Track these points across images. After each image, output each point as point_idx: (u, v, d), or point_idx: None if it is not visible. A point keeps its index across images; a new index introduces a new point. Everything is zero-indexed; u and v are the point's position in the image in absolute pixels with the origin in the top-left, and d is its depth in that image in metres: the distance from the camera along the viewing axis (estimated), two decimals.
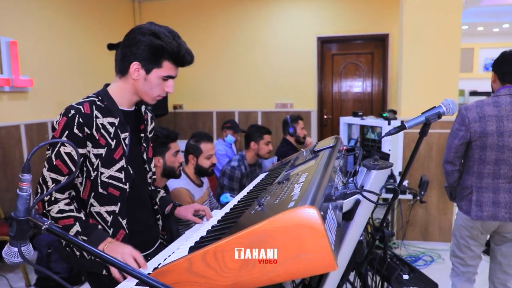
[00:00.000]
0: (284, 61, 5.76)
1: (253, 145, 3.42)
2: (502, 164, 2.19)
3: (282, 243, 0.82)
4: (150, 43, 1.39)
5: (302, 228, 0.80)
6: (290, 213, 0.81)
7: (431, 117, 1.46)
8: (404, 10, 3.88)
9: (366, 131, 4.04)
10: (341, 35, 5.58)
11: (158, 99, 1.52)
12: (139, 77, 1.44)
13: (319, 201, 0.88)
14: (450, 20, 3.80)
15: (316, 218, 0.79)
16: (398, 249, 3.94)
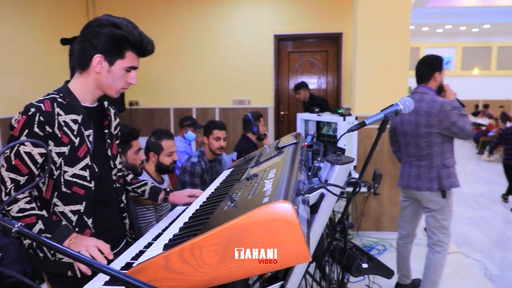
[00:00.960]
0: (242, 58, 5.79)
1: (205, 140, 3.42)
2: (409, 146, 2.80)
3: (258, 237, 0.85)
4: (111, 34, 1.36)
5: (278, 222, 0.84)
6: (266, 208, 0.85)
7: (389, 114, 1.56)
8: (358, 10, 4.03)
9: (322, 126, 4.15)
10: (297, 33, 5.69)
11: (122, 91, 1.50)
12: (102, 70, 1.41)
13: (291, 195, 0.92)
14: (400, 21, 4.01)
15: (291, 212, 0.84)
16: (353, 239, 4.11)
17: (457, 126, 2.56)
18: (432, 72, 2.73)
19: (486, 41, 18.78)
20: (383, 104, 2.19)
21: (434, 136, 2.67)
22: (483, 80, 18.96)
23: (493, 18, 15.22)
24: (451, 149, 2.72)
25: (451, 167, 2.72)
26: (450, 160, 2.71)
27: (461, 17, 15.06)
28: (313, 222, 1.32)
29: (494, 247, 4.52)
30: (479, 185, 7.36)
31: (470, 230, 5.05)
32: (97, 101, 1.54)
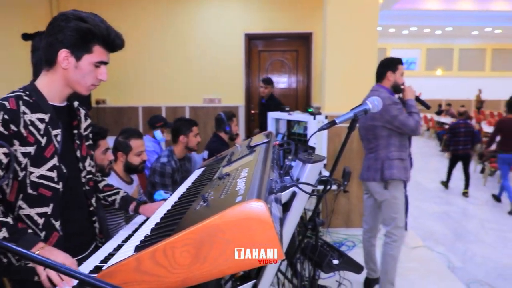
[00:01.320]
0: (212, 57, 5.76)
1: (182, 139, 3.37)
2: (363, 140, 3.03)
3: (232, 236, 0.85)
4: (77, 27, 1.31)
5: (251, 221, 0.84)
6: (239, 207, 0.85)
7: (359, 113, 1.59)
8: (327, 11, 4.09)
9: (293, 125, 4.19)
10: (267, 32, 5.72)
11: (92, 88, 1.44)
12: (69, 65, 1.35)
13: (264, 194, 0.92)
14: (368, 22, 4.11)
15: (264, 211, 0.84)
16: (323, 237, 4.18)
17: (398, 121, 2.71)
18: (384, 71, 2.91)
19: (449, 43, 19.53)
20: (352, 103, 2.26)
21: (378, 129, 2.84)
22: (445, 80, 19.73)
23: (454, 21, 15.84)
24: (398, 144, 2.84)
25: (395, 160, 2.84)
26: (395, 153, 2.84)
27: (425, 20, 15.59)
28: (285, 220, 1.33)
29: (456, 241, 4.70)
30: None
31: (434, 224, 5.23)
32: (66, 100, 1.49)
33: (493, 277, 3.77)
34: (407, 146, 2.91)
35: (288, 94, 6.06)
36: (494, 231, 5.03)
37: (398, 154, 2.84)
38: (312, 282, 1.99)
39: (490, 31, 17.66)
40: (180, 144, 3.39)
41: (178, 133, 3.39)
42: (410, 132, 2.74)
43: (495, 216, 5.61)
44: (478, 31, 17.87)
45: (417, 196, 6.60)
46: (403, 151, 2.86)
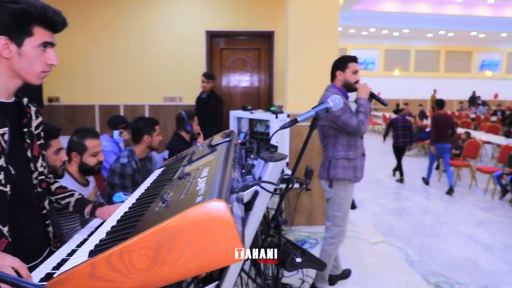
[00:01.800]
0: (173, 54, 5.66)
1: (146, 138, 3.27)
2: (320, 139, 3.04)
3: (192, 237, 0.83)
4: (10, 10, 1.22)
5: (212, 222, 0.82)
6: (199, 208, 0.83)
7: (320, 111, 1.61)
8: (289, 10, 4.12)
9: (255, 124, 4.19)
10: (229, 30, 5.69)
11: (43, 75, 1.34)
12: (11, 54, 1.25)
13: (225, 194, 0.90)
14: (328, 22, 4.18)
15: (225, 211, 0.82)
16: (286, 235, 4.21)
17: (341, 120, 2.73)
18: (334, 71, 2.94)
19: (405, 45, 20.30)
20: (314, 102, 2.29)
21: (325, 128, 2.88)
22: (402, 80, 20.50)
23: (411, 24, 16.51)
24: (345, 143, 2.85)
25: (340, 159, 2.85)
26: (341, 152, 2.84)
27: (383, 22, 16.15)
28: (247, 219, 1.32)
29: (414, 235, 4.89)
30: None
31: (393, 220, 5.41)
32: (15, 96, 1.39)
33: (447, 268, 3.95)
34: (357, 146, 2.88)
35: (250, 93, 6.06)
36: (448, 224, 5.28)
37: (345, 154, 2.84)
38: (275, 281, 1.99)
39: (444, 34, 18.55)
40: (143, 144, 3.28)
41: (141, 132, 3.28)
42: (353, 131, 2.74)
43: (449, 210, 5.89)
44: (433, 33, 18.73)
45: (377, 192, 6.81)
46: (352, 151, 2.85)
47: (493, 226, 5.26)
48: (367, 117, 2.75)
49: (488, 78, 21.28)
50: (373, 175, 8.17)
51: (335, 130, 2.82)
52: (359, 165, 2.89)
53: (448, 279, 3.70)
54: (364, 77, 20.02)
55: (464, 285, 3.61)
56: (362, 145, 2.94)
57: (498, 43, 20.84)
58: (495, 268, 4.02)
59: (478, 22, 16.08)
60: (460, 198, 6.53)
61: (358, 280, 3.49)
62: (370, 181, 7.70)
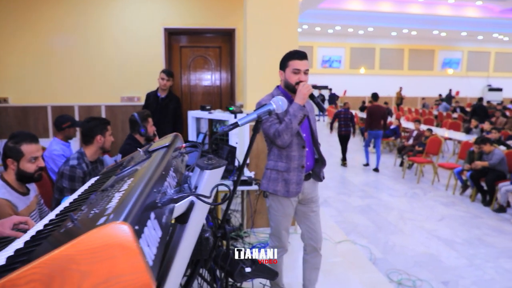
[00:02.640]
0: (130, 52, 5.45)
1: (99, 139, 3.09)
2: None
3: (89, 268, 0.70)
4: None
5: (112, 248, 0.70)
6: (97, 232, 0.71)
7: (263, 114, 1.51)
8: (248, 7, 4.01)
9: (215, 124, 4.08)
10: (189, 27, 5.52)
11: None
12: None
13: (135, 213, 0.79)
14: (288, 19, 4.09)
15: (128, 235, 0.71)
16: (248, 237, 4.13)
17: (262, 128, 2.48)
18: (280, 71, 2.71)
19: (370, 43, 20.68)
20: None
21: (262, 136, 2.66)
22: (368, 78, 20.87)
23: (375, 22, 16.81)
24: (277, 153, 2.55)
25: (268, 170, 2.59)
26: (271, 162, 2.59)
27: (348, 20, 16.34)
28: (183, 232, 1.21)
29: (378, 232, 4.92)
30: (366, 175, 8.02)
31: (358, 217, 5.44)
32: None
33: (410, 265, 3.98)
34: (292, 157, 2.51)
35: (212, 92, 5.92)
36: (412, 221, 5.35)
37: (273, 164, 2.55)
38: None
39: (407, 32, 19.00)
40: (95, 145, 3.10)
41: (93, 133, 3.09)
42: (275, 141, 2.41)
43: (412, 206, 5.98)
44: (397, 32, 19.15)
45: (342, 190, 6.85)
46: (282, 162, 2.52)
47: (454, 221, 5.38)
48: (289, 127, 2.33)
49: (450, 76, 22.02)
50: (338, 173, 8.23)
51: (268, 139, 2.57)
52: (294, 179, 2.50)
53: (411, 276, 3.73)
54: (331, 75, 20.29)
55: (426, 282, 3.64)
56: (301, 156, 2.52)
57: (459, 42, 21.61)
58: (455, 263, 4.09)
59: (439, 21, 16.59)
60: (423, 195, 6.65)
61: (320, 280, 3.44)
62: (335, 178, 7.75)
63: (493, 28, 17.71)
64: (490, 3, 15.25)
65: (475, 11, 15.83)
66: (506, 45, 21.89)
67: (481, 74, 22.41)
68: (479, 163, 6.12)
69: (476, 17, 16.04)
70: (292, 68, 2.43)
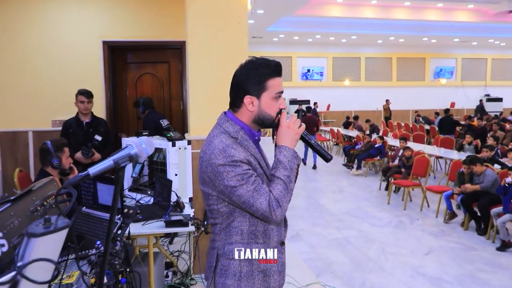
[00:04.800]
0: (64, 69, 5.29)
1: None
2: None
3: None
4: None
5: None
6: None
7: (122, 160, 1.32)
8: (189, 19, 3.92)
9: (154, 153, 3.90)
10: (131, 40, 5.39)
11: None
12: None
13: None
14: (236, 30, 4.00)
15: None
16: (196, 285, 3.91)
17: (237, 196, 1.72)
18: (240, 94, 2.22)
19: (355, 52, 20.95)
20: None
21: (211, 198, 1.68)
22: (354, 91, 21.04)
23: (359, 29, 17.05)
24: (246, 230, 1.79)
25: (235, 261, 1.74)
26: (236, 246, 1.78)
27: (329, 27, 16.53)
28: None
29: (355, 271, 4.76)
30: (346, 202, 7.89)
31: (333, 254, 5.27)
32: None
33: None
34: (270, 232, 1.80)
35: (161, 112, 5.75)
36: (394, 255, 5.21)
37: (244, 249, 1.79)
38: None
39: (394, 39, 19.33)
40: None
41: None
42: (261, 217, 1.70)
43: (396, 238, 5.85)
44: (383, 39, 19.47)
45: (318, 221, 6.68)
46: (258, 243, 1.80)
47: (443, 254, 5.25)
48: (290, 188, 1.70)
49: (443, 86, 22.38)
50: (315, 200, 8.08)
51: (229, 205, 1.73)
52: (275, 267, 1.81)
53: None
54: (312, 88, 20.53)
55: None
56: (280, 226, 1.83)
57: (451, 49, 22.08)
58: None
59: (429, 27, 16.90)
60: (410, 223, 6.54)
61: None
62: (310, 206, 7.60)
63: (488, 33, 18.11)
64: (482, 6, 15.61)
65: (467, 15, 16.16)
66: (503, 51, 22.41)
67: (478, 83, 22.83)
68: (469, 187, 6.04)
69: (469, 22, 16.33)
70: (274, 91, 1.76)
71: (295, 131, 1.76)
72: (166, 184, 3.30)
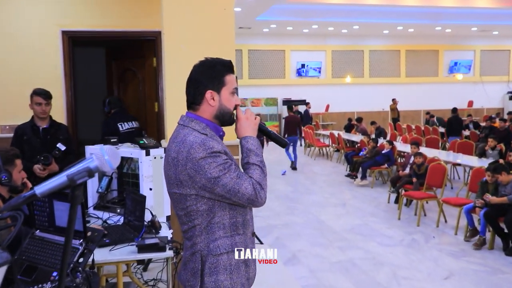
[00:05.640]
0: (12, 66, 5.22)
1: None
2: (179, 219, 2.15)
3: None
4: None
5: None
6: None
7: (78, 175, 1.21)
8: (164, 5, 3.93)
9: (124, 163, 3.89)
10: (96, 29, 5.33)
11: None
12: None
13: None
14: (221, 18, 3.98)
15: None
16: None
17: (222, 186, 2.06)
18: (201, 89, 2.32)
19: (357, 44, 21.02)
20: None
21: (188, 199, 2.16)
22: (356, 89, 21.08)
23: (362, 18, 17.07)
24: (227, 222, 2.15)
25: (223, 255, 2.11)
26: (222, 241, 2.13)
27: (328, 16, 16.53)
28: None
29: None
30: (350, 217, 7.86)
31: (336, 279, 5.23)
32: None
33: None
34: (247, 221, 2.19)
35: (137, 115, 5.67)
36: (408, 281, 5.19)
37: (229, 243, 2.15)
38: None
39: (403, 29, 19.44)
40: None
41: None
42: (246, 203, 2.00)
43: (409, 259, 5.81)
44: (389, 29, 19.56)
45: (318, 240, 6.63)
46: (240, 234, 2.17)
47: (465, 279, 5.23)
48: (265, 172, 2.06)
49: (459, 83, 22.55)
50: (313, 215, 8.02)
51: (209, 202, 2.00)
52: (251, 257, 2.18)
53: None
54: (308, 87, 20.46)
55: None
56: (251, 216, 2.20)
57: (469, 40, 22.25)
58: None
59: (442, 14, 16.94)
60: (425, 242, 6.51)
61: None
62: (309, 223, 7.55)
63: (511, 20, 18.11)
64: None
65: (487, 0, 16.16)
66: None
67: (500, 79, 23.02)
68: (494, 199, 6.01)
69: (489, 7, 16.25)
70: (232, 86, 2.13)
71: (253, 121, 2.13)
72: (139, 200, 3.25)
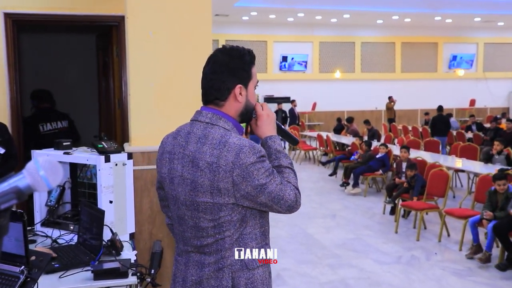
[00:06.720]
0: None
1: None
2: (184, 225, 2.17)
3: None
4: None
5: None
6: None
7: (2, 198, 1.05)
8: None
9: (79, 170, 3.78)
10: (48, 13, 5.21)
11: None
12: None
13: None
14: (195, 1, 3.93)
15: None
16: None
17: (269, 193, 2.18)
18: (227, 83, 2.33)
19: (347, 35, 21.12)
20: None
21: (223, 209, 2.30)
22: (347, 85, 21.17)
23: (353, 6, 17.15)
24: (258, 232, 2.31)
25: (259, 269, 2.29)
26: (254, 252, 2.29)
27: (315, 3, 16.54)
28: None
29: None
30: (341, 230, 7.83)
31: None
32: None
33: None
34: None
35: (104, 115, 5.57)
36: None
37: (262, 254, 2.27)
38: None
39: (398, 19, 19.59)
40: None
41: None
42: (286, 210, 2.08)
43: (409, 279, 5.80)
44: (384, 19, 19.71)
45: (305, 257, 6.59)
46: (267, 243, 2.35)
47: None
48: (296, 175, 2.16)
49: (461, 79, 22.83)
50: (300, 228, 7.97)
51: (242, 211, 2.07)
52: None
53: None
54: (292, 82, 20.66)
55: None
56: None
57: (471, 31, 22.56)
58: None
59: (442, 2, 17.10)
60: (426, 259, 6.51)
61: None
62: (294, 237, 7.49)
63: None
64: None
65: None
66: None
67: (505, 75, 23.38)
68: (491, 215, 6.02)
69: None
70: (255, 80, 2.18)
71: (274, 118, 2.17)
72: (97, 215, 3.14)
